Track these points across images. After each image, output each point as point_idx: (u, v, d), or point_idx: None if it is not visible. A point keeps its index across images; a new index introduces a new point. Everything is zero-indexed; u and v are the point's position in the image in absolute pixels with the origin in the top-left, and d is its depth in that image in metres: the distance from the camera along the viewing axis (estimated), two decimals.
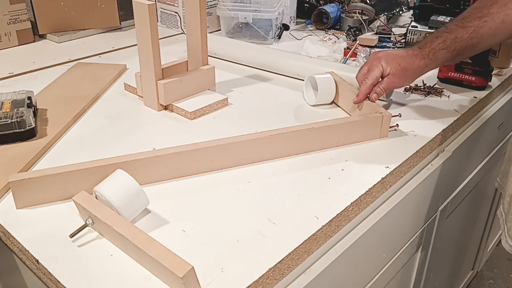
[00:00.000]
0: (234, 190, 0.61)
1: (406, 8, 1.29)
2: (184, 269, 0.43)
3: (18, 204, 0.57)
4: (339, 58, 1.05)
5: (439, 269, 1.12)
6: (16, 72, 0.96)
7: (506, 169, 0.81)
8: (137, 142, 0.71)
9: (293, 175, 0.64)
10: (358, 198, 0.60)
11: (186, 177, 0.63)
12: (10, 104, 0.71)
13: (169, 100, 0.80)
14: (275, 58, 0.97)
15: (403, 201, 0.72)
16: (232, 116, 0.80)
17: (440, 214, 0.93)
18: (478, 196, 1.19)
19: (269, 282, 0.50)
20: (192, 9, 0.80)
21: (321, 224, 0.55)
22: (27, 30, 1.12)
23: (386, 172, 0.65)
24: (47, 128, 0.73)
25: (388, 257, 0.77)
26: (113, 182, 0.54)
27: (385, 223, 0.69)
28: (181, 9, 1.20)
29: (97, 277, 0.47)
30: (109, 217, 0.49)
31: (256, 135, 0.66)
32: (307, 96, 0.85)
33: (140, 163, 0.59)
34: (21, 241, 0.52)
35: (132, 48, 1.11)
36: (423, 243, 0.91)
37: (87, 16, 1.17)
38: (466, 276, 1.47)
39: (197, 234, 0.53)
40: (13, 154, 0.66)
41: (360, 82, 0.76)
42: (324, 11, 1.25)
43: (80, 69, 0.97)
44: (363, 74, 0.76)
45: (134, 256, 0.49)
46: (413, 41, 1.10)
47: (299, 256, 0.53)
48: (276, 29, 1.16)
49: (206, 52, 0.84)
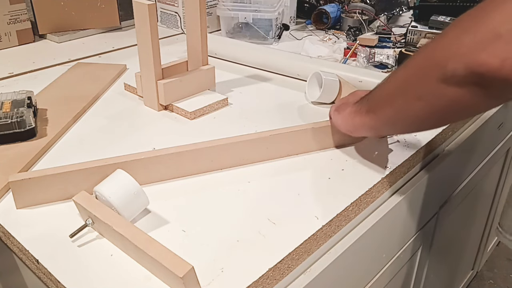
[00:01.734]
0: (234, 190, 0.61)
1: (406, 8, 1.29)
2: (184, 269, 0.43)
3: (18, 204, 0.57)
4: (339, 58, 1.05)
5: (439, 269, 1.12)
6: (16, 72, 0.96)
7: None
8: (137, 142, 0.71)
9: (293, 175, 0.64)
10: (358, 198, 0.60)
11: (186, 177, 0.63)
12: (10, 104, 0.71)
13: (169, 100, 0.80)
14: (275, 58, 0.97)
15: (403, 201, 0.72)
16: (232, 116, 0.80)
17: (440, 214, 0.93)
18: (478, 196, 1.19)
19: (269, 282, 0.50)
20: (192, 9, 0.80)
21: (321, 224, 0.55)
22: (27, 30, 1.12)
23: (386, 172, 0.65)
24: (47, 128, 0.73)
25: (388, 257, 0.77)
26: (113, 182, 0.54)
27: (385, 223, 0.69)
28: (181, 9, 1.20)
29: (97, 277, 0.47)
30: (109, 217, 0.49)
31: (256, 135, 0.66)
32: (309, 92, 0.84)
33: (140, 163, 0.59)
34: (21, 241, 0.52)
35: (132, 48, 1.11)
36: (423, 243, 0.91)
37: (87, 16, 1.17)
38: (466, 276, 1.47)
39: (197, 234, 0.53)
40: (13, 154, 0.66)
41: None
42: (324, 11, 1.25)
43: (80, 69, 0.97)
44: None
45: (134, 256, 0.49)
46: (413, 41, 1.10)
47: (299, 256, 0.53)
48: (276, 29, 1.16)
49: (206, 52, 0.84)
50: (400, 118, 0.52)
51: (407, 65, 0.49)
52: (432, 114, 0.48)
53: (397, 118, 0.52)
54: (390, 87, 0.52)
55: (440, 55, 0.42)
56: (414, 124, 0.53)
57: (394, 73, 0.52)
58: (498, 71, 0.38)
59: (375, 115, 0.55)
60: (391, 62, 0.99)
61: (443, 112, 0.47)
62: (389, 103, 0.52)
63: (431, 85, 0.44)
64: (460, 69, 0.40)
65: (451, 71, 0.41)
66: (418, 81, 0.46)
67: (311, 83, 0.85)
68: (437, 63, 0.43)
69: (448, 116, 0.50)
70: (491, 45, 0.38)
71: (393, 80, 0.52)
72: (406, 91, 0.48)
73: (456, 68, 0.41)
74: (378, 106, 0.54)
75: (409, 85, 0.48)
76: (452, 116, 0.51)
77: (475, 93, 0.42)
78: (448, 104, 0.44)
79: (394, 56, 1.01)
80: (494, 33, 0.38)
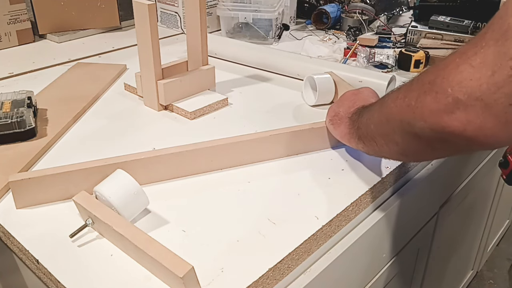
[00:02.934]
0: (234, 190, 0.61)
1: (406, 8, 1.29)
2: (184, 269, 0.43)
3: (18, 204, 0.57)
4: (339, 58, 1.05)
5: (439, 269, 1.12)
6: (16, 72, 0.96)
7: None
8: (137, 142, 0.71)
9: (293, 175, 0.64)
10: (358, 198, 0.60)
11: (186, 177, 0.63)
12: (10, 104, 0.71)
13: (169, 100, 0.80)
14: (275, 58, 0.97)
15: (404, 201, 0.72)
16: (232, 116, 0.80)
17: (440, 214, 0.93)
18: (478, 196, 1.19)
19: (269, 282, 0.50)
20: (192, 9, 0.80)
21: (321, 224, 0.55)
22: (27, 30, 1.12)
23: (386, 172, 0.65)
24: (47, 128, 0.73)
25: (388, 257, 0.77)
26: (113, 182, 0.54)
27: (385, 223, 0.69)
28: (181, 9, 1.20)
29: (97, 277, 0.47)
30: (109, 217, 0.49)
31: (256, 135, 0.66)
32: (306, 97, 0.84)
33: (140, 163, 0.59)
34: (21, 241, 0.52)
35: (132, 48, 1.11)
36: (423, 243, 0.91)
37: (87, 16, 1.17)
38: (466, 276, 1.47)
39: (197, 234, 0.53)
40: (13, 154, 0.66)
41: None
42: (324, 11, 1.25)
43: (80, 69, 0.97)
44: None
45: (134, 256, 0.49)
46: (413, 41, 1.10)
47: (299, 256, 0.53)
48: (276, 29, 1.16)
49: (206, 52, 0.84)
50: (384, 153, 0.55)
51: (382, 112, 0.51)
52: (410, 156, 0.53)
53: (382, 152, 0.55)
54: (373, 125, 0.54)
55: (408, 115, 0.44)
56: (398, 158, 0.60)
57: (380, 107, 0.53)
58: (461, 134, 0.39)
59: (365, 145, 0.58)
60: (391, 62, 0.99)
61: (420, 155, 0.50)
62: (373, 140, 0.54)
63: (404, 137, 0.47)
64: (427, 130, 0.42)
65: (419, 130, 0.43)
66: (393, 131, 0.49)
67: (306, 87, 0.85)
68: (408, 122, 0.45)
69: (426, 157, 0.56)
70: (452, 110, 0.39)
71: (376, 118, 0.53)
72: (385, 135, 0.51)
73: (423, 128, 0.43)
74: (366, 138, 0.57)
75: (387, 131, 0.50)
76: (430, 158, 0.59)
77: (444, 147, 0.44)
78: (423, 150, 0.47)
79: (394, 56, 1.01)
80: (453, 98, 0.39)
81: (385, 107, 0.50)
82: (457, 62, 0.39)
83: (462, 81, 0.38)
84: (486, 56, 0.37)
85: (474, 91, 0.37)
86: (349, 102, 0.65)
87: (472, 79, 0.37)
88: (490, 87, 0.36)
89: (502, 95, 0.36)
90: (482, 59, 0.37)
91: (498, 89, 0.36)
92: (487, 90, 0.37)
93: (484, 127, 0.38)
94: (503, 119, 0.37)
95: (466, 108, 0.38)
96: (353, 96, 0.66)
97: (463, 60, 0.39)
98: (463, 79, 0.38)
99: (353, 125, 0.61)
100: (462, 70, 0.38)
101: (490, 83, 0.36)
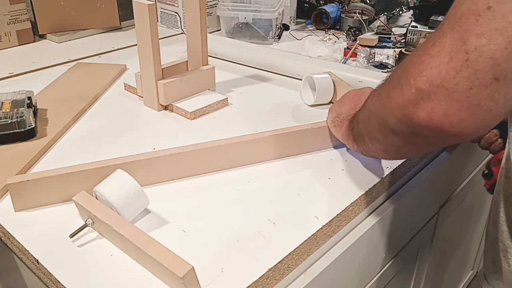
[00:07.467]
0: (234, 190, 0.61)
1: (406, 8, 1.29)
2: (184, 269, 0.43)
3: (17, 206, 0.56)
4: (339, 58, 1.05)
5: (439, 269, 1.12)
6: (16, 72, 0.96)
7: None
8: (137, 142, 0.71)
9: (293, 175, 0.64)
10: (358, 198, 0.60)
11: (186, 178, 0.63)
12: (10, 104, 0.71)
13: (169, 100, 0.80)
14: (275, 58, 0.97)
15: (404, 201, 0.72)
16: (232, 116, 0.80)
17: (440, 214, 0.93)
18: (478, 196, 1.19)
19: (269, 282, 0.50)
20: (192, 9, 0.80)
21: (321, 224, 0.55)
22: (27, 30, 1.12)
23: (386, 172, 0.65)
24: (47, 128, 0.73)
25: (388, 257, 0.77)
26: (113, 182, 0.54)
27: (385, 223, 0.69)
28: (181, 9, 1.20)
29: (97, 277, 0.47)
30: (109, 217, 0.49)
31: (256, 135, 0.66)
32: (305, 97, 0.84)
33: (140, 164, 0.59)
34: (21, 241, 0.52)
35: (132, 48, 1.11)
36: (423, 243, 0.91)
37: (87, 16, 1.17)
38: (466, 276, 1.47)
39: (197, 234, 0.53)
40: (13, 154, 0.66)
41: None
42: (324, 11, 1.25)
43: (80, 69, 0.97)
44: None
45: (134, 256, 0.49)
46: (413, 41, 1.10)
47: (299, 256, 0.53)
48: (276, 29, 1.16)
49: (206, 52, 0.84)
50: (371, 151, 0.56)
51: (365, 110, 0.53)
52: (392, 154, 0.53)
53: (369, 151, 0.56)
54: (361, 124, 0.56)
55: (381, 111, 0.46)
56: (383, 156, 0.61)
57: (363, 106, 0.55)
58: (428, 123, 0.40)
59: (358, 146, 0.59)
60: (391, 62, 0.99)
61: (400, 151, 0.51)
62: (363, 139, 0.56)
63: (382, 133, 0.48)
64: (398, 123, 0.43)
65: (391, 125, 0.44)
66: (374, 128, 0.50)
67: (305, 87, 0.85)
68: (382, 118, 0.46)
69: (406, 153, 0.56)
70: (416, 100, 0.40)
71: (361, 117, 0.55)
72: (369, 133, 0.53)
73: (394, 123, 0.44)
74: (357, 139, 0.58)
75: (370, 129, 0.52)
76: (410, 154, 0.60)
77: (418, 141, 0.45)
78: (401, 146, 0.48)
79: (394, 56, 1.01)
80: (415, 88, 0.39)
81: (366, 105, 0.52)
82: (419, 54, 0.40)
83: (423, 71, 0.39)
84: (443, 44, 0.38)
85: (434, 78, 0.38)
86: (352, 103, 0.65)
87: (432, 68, 0.38)
88: (449, 72, 0.37)
89: (461, 79, 0.37)
90: (440, 47, 0.38)
91: (457, 73, 0.37)
92: (446, 75, 0.38)
93: (448, 113, 0.38)
94: (466, 104, 0.38)
95: (428, 96, 0.39)
96: (356, 97, 0.66)
97: (423, 51, 0.40)
98: (423, 69, 0.39)
99: (350, 126, 0.62)
100: (423, 60, 0.39)
101: (449, 69, 0.38)
